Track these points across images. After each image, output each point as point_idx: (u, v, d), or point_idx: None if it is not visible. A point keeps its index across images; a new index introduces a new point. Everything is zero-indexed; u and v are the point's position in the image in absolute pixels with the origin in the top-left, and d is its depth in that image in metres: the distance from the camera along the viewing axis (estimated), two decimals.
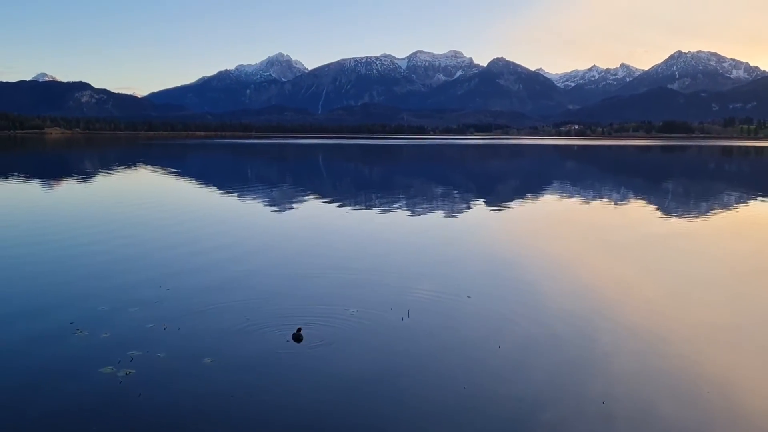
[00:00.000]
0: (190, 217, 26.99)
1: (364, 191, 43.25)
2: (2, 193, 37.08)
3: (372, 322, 12.05)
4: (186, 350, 10.50)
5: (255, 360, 10.15)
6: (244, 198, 35.90)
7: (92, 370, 9.63)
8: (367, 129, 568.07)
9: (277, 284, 15.10)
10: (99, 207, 30.87)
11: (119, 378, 9.35)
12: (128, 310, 12.67)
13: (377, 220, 27.24)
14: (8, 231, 22.88)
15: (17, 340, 10.96)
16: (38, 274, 15.93)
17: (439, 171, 70.02)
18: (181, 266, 17.03)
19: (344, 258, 18.43)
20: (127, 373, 9.52)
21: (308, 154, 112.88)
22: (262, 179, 52.98)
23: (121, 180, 50.74)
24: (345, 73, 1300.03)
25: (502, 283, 15.50)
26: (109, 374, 9.48)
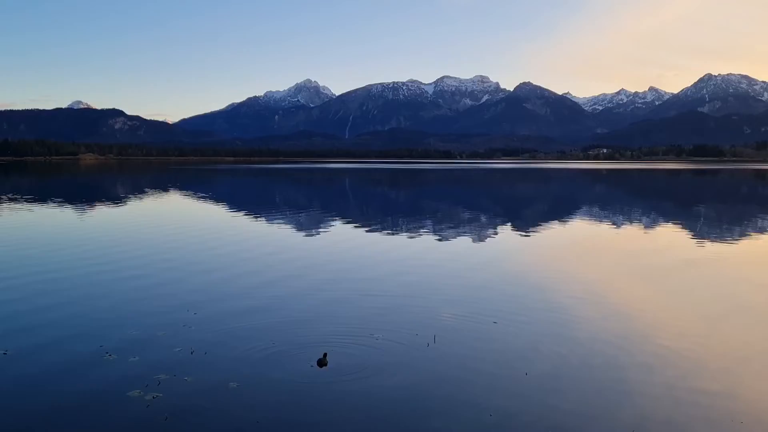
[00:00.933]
0: (218, 242, 27.28)
1: (391, 215, 43.32)
2: (37, 217, 37.93)
3: (398, 348, 12.00)
4: (212, 374, 10.57)
5: (280, 385, 10.16)
6: (272, 222, 36.21)
7: (121, 393, 9.74)
8: (394, 153, 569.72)
9: (304, 309, 15.14)
10: (129, 232, 31.38)
11: (146, 401, 9.43)
12: (157, 334, 12.82)
13: (403, 244, 27.22)
14: (41, 254, 23.36)
15: (48, 363, 11.14)
16: (70, 297, 16.22)
17: (466, 195, 69.88)
18: (208, 290, 17.20)
19: (370, 282, 18.43)
20: (154, 396, 9.61)
21: (336, 179, 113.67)
22: (290, 204, 53.43)
23: (151, 205, 51.58)
24: (372, 99, 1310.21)
25: (530, 309, 15.33)
26: (137, 398, 9.57)
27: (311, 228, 33.79)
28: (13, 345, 12.07)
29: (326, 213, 44.09)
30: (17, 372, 10.70)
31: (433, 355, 11.64)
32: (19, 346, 12.01)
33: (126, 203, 52.33)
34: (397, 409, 9.40)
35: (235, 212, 43.34)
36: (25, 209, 42.68)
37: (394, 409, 9.36)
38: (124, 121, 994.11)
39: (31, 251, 24.17)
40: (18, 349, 11.82)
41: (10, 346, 12.01)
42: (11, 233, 30.16)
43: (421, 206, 53.07)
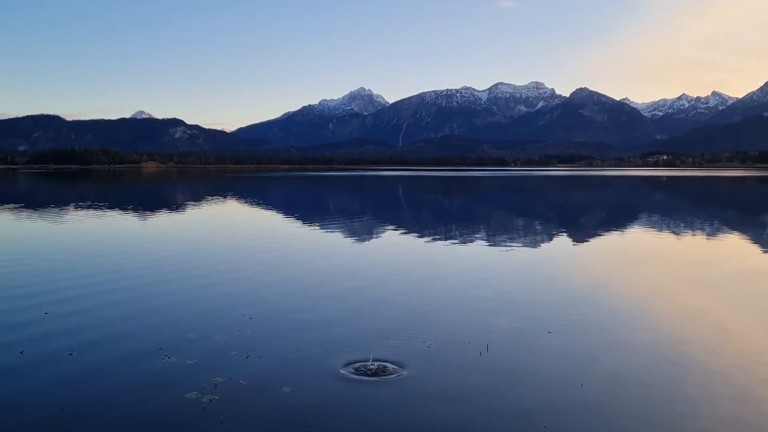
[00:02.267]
0: (273, 247, 27.73)
1: (443, 223, 43.14)
2: (101, 223, 39.36)
3: (449, 356, 11.93)
4: (267, 378, 10.74)
5: (330, 390, 10.24)
6: (326, 228, 36.57)
7: (179, 395, 10.01)
8: (447, 161, 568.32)
9: (356, 314, 15.23)
10: (187, 237, 32.25)
11: (203, 404, 9.66)
12: (213, 337, 13.12)
13: (455, 251, 27.07)
14: (104, 258, 24.24)
15: (110, 364, 11.54)
16: (131, 300, 16.76)
17: (520, 202, 69.00)
18: (263, 295, 17.51)
19: (420, 288, 18.40)
20: (210, 399, 9.83)
21: (388, 186, 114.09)
22: (343, 211, 53.87)
23: (209, 212, 52.84)
24: (425, 106, 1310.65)
25: (585, 319, 15.00)
26: (194, 399, 9.81)
27: (364, 234, 33.98)
28: (77, 345, 12.55)
29: (378, 220, 44.28)
30: (81, 372, 11.12)
31: (486, 364, 11.52)
32: (83, 347, 12.48)
33: (185, 210, 53.78)
34: (450, 418, 9.33)
35: (289, 218, 43.98)
36: (92, 215, 44.37)
37: (446, 419, 9.31)
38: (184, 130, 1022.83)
39: (94, 255, 25.12)
40: (82, 350, 12.29)
41: (75, 346, 12.50)
42: (77, 237, 31.39)
43: (474, 213, 52.70)
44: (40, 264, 22.78)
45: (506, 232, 35.60)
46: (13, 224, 38.62)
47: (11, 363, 11.56)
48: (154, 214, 47.80)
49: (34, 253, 25.57)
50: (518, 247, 28.58)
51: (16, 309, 15.80)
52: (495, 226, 40.50)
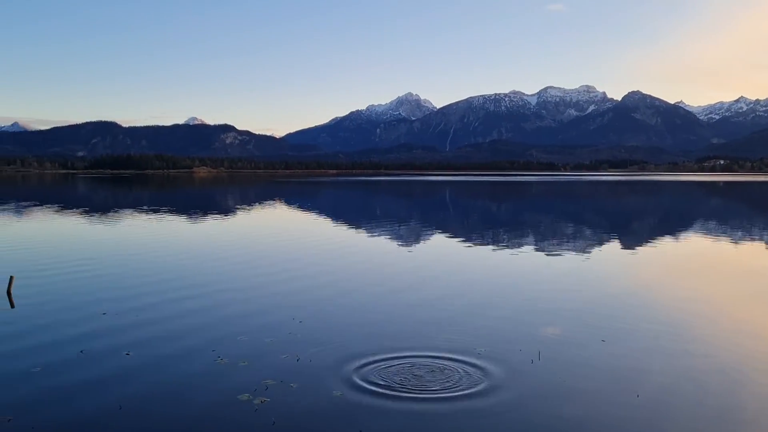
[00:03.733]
0: (321, 250, 27.96)
1: (491, 228, 42.75)
2: (156, 227, 40.41)
3: (501, 363, 11.78)
4: (317, 382, 10.81)
5: (382, 396, 10.23)
6: (374, 234, 36.67)
7: (231, 396, 10.17)
8: (495, 166, 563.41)
9: (403, 319, 15.19)
10: (239, 240, 32.83)
11: (255, 405, 9.78)
12: (264, 339, 13.30)
13: (502, 257, 26.78)
14: (159, 260, 24.87)
15: (163, 365, 11.81)
16: (185, 301, 17.14)
17: (570, 208, 67.79)
18: (311, 297, 17.66)
19: (469, 294, 18.27)
20: (262, 401, 9.95)
21: (435, 191, 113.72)
22: (390, 216, 53.94)
23: (259, 216, 53.68)
24: (473, 111, 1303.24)
25: (640, 328, 14.61)
26: (246, 401, 9.95)
27: (411, 240, 33.95)
28: (134, 345, 12.91)
29: (425, 224, 44.18)
30: (137, 371, 11.42)
31: (539, 373, 11.34)
32: (139, 346, 12.82)
33: (236, 214, 54.78)
34: (504, 428, 9.21)
35: (337, 223, 44.31)
36: (149, 219, 45.64)
37: (501, 429, 9.19)
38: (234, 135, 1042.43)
39: (150, 257, 25.80)
40: (138, 349, 12.62)
41: (132, 346, 12.85)
42: (133, 240, 32.32)
43: (522, 219, 52.03)
44: (99, 265, 23.53)
45: (555, 238, 35.04)
46: (76, 227, 40.01)
47: (71, 361, 11.95)
48: (206, 218, 48.82)
49: (95, 255, 26.42)
50: (568, 252, 28.09)
51: (76, 308, 16.36)
52: (544, 231, 39.90)
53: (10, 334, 13.90)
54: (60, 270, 22.55)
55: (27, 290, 18.48)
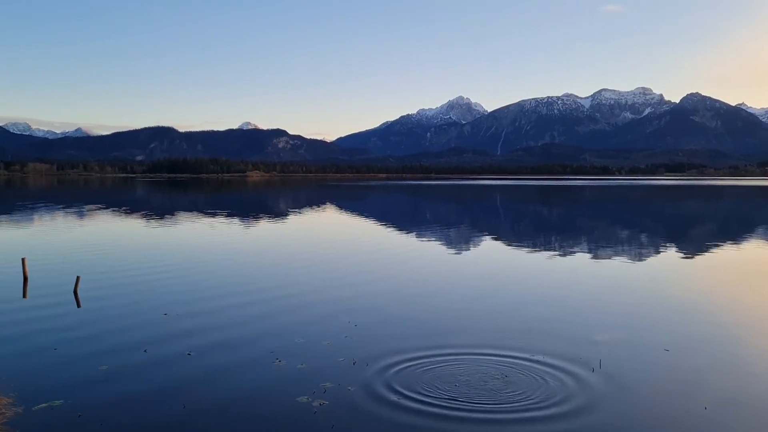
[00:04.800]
0: (376, 256, 28.09)
1: (543, 233, 42.11)
2: (213, 230, 41.32)
3: (560, 371, 11.58)
4: (374, 386, 10.83)
5: (439, 401, 10.18)
6: (424, 237, 36.60)
7: (290, 398, 10.30)
8: (547, 170, 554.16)
9: (459, 325, 15.10)
10: (293, 243, 33.26)
11: (314, 408, 9.88)
12: (321, 343, 13.44)
13: (557, 263, 26.34)
14: (217, 263, 25.42)
15: (224, 366, 12.05)
16: (243, 303, 17.47)
17: (625, 213, 66.06)
18: (368, 302, 17.74)
19: (525, 302, 18.03)
20: (320, 404, 10.05)
21: (486, 195, 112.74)
22: (440, 219, 53.72)
23: (313, 219, 54.25)
24: (525, 114, 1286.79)
25: (705, 337, 14.16)
26: (305, 404, 10.06)
27: (462, 244, 33.74)
28: (195, 346, 13.22)
29: (476, 229, 43.83)
30: (199, 372, 11.69)
31: (599, 382, 11.09)
32: (200, 348, 13.13)
33: (290, 218, 55.49)
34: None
35: (389, 227, 44.40)
36: (206, 222, 46.70)
37: None
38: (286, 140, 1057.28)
39: (208, 259, 26.40)
40: (200, 351, 12.92)
41: (193, 347, 13.17)
42: (191, 243, 33.13)
43: (575, 224, 51.05)
44: (161, 267, 24.21)
45: (611, 243, 34.25)
46: (138, 230, 41.31)
47: (135, 360, 12.32)
48: (261, 221, 49.67)
49: (156, 257, 27.19)
50: (625, 258, 27.43)
51: (139, 309, 16.88)
52: (599, 236, 39.06)
53: (77, 333, 14.43)
54: (123, 271, 23.31)
55: (92, 291, 19.16)
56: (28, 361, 12.23)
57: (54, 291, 19.14)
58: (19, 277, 20.85)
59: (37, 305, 17.29)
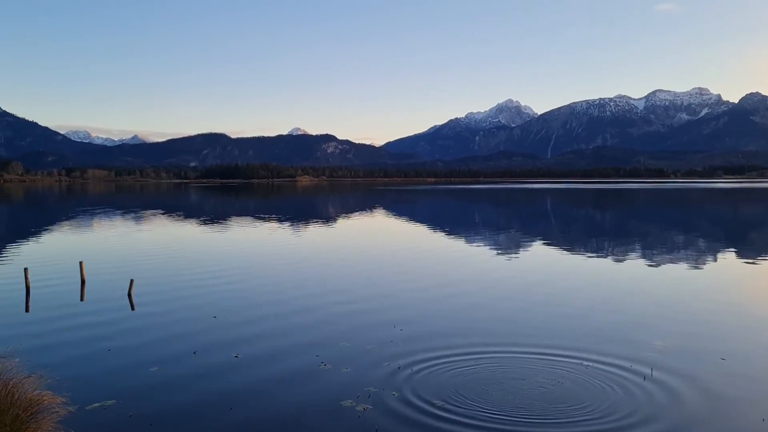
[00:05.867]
0: (423, 261, 28.02)
1: (595, 237, 41.23)
2: (259, 233, 41.97)
3: (609, 378, 11.30)
4: (418, 391, 10.77)
5: (484, 410, 10.06)
6: (472, 242, 36.31)
7: (335, 402, 10.34)
8: (599, 173, 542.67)
9: (508, 332, 14.90)
10: (341, 247, 33.46)
11: (358, 412, 9.89)
12: (366, 347, 13.45)
13: (609, 269, 25.74)
14: (265, 266, 25.79)
15: (270, 368, 12.18)
16: (289, 305, 17.68)
17: (683, 217, 64.10)
18: (412, 307, 17.70)
19: (575, 304, 17.67)
20: (364, 408, 10.05)
21: (536, 199, 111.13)
22: (488, 223, 53.24)
23: (361, 222, 54.50)
24: (576, 116, 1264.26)
25: (763, 346, 13.58)
26: (349, 408, 10.08)
27: (513, 249, 33.33)
28: (242, 349, 13.42)
29: (526, 233, 43.24)
30: (246, 373, 11.85)
31: (651, 390, 10.75)
32: (247, 349, 13.32)
33: (338, 222, 55.93)
34: None
35: (436, 231, 44.25)
36: (256, 226, 47.48)
37: None
38: (335, 145, 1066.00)
39: (257, 263, 26.82)
40: (246, 353, 13.11)
41: (241, 349, 13.37)
42: (241, 247, 33.72)
43: (631, 228, 49.77)
44: (211, 270, 24.72)
45: (665, 248, 33.27)
46: (189, 234, 42.32)
47: (185, 361, 12.59)
48: (311, 225, 50.20)
49: (206, 260, 27.78)
50: (679, 263, 26.61)
51: (190, 311, 17.25)
52: (652, 240, 38.00)
53: (130, 335, 14.83)
54: (175, 275, 23.90)
55: (146, 293, 19.69)
56: (83, 361, 12.63)
57: (109, 294, 19.75)
58: (77, 280, 21.59)
59: (93, 307, 17.88)
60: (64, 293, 19.89)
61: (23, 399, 7.85)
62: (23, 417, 7.72)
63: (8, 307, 17.86)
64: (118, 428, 9.31)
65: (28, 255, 29.83)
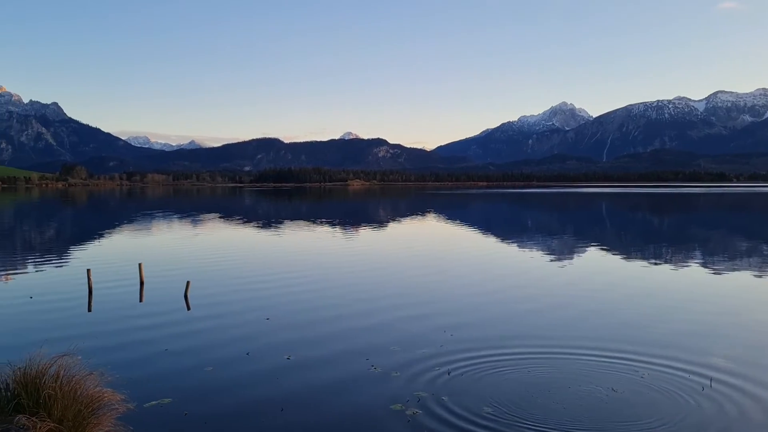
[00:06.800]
0: (473, 266, 27.85)
1: (654, 242, 40.06)
2: (312, 236, 42.44)
3: (667, 387, 10.97)
4: (468, 397, 10.70)
5: (536, 418, 9.92)
6: (525, 246, 35.81)
7: (384, 405, 10.37)
8: (657, 176, 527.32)
9: (560, 339, 14.62)
10: (393, 251, 33.56)
11: (407, 416, 9.89)
12: (415, 351, 13.44)
13: (667, 277, 24.97)
14: (317, 269, 26.06)
15: (321, 370, 12.30)
16: (339, 307, 17.82)
17: (744, 222, 61.64)
18: (462, 312, 17.59)
19: (630, 313, 17.23)
20: (414, 412, 10.04)
21: (590, 203, 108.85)
22: (542, 228, 52.43)
23: (411, 226, 54.49)
24: (633, 119, 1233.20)
25: None
26: (399, 412, 10.09)
27: (566, 254, 32.74)
28: (294, 350, 13.61)
29: (580, 239, 42.40)
30: (297, 375, 12.01)
31: (711, 401, 10.39)
32: (298, 351, 13.49)
33: (389, 226, 56.07)
34: None
35: (488, 235, 43.85)
36: (308, 229, 48.05)
37: None
38: (386, 149, 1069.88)
39: (309, 265, 27.12)
40: (298, 355, 13.28)
41: (292, 350, 13.56)
42: (294, 250, 34.17)
43: (689, 234, 48.15)
44: (263, 272, 25.18)
45: (727, 258, 32.08)
46: (244, 236, 43.16)
47: (239, 362, 12.84)
48: (362, 228, 50.48)
49: (259, 263, 28.30)
50: (743, 274, 25.63)
51: (243, 313, 17.61)
52: (713, 248, 36.68)
53: (186, 335, 15.23)
54: (229, 276, 24.44)
55: (201, 295, 20.18)
56: (142, 360, 13.04)
57: (166, 295, 20.34)
58: (136, 281, 22.30)
59: (151, 308, 18.44)
60: (124, 294, 20.57)
61: (85, 395, 8.15)
62: (85, 413, 8.02)
63: (73, 308, 18.58)
64: (174, 426, 9.56)
65: (90, 256, 30.98)
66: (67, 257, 31.01)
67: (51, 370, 8.22)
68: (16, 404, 7.95)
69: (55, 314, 17.56)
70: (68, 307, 18.59)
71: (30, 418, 7.51)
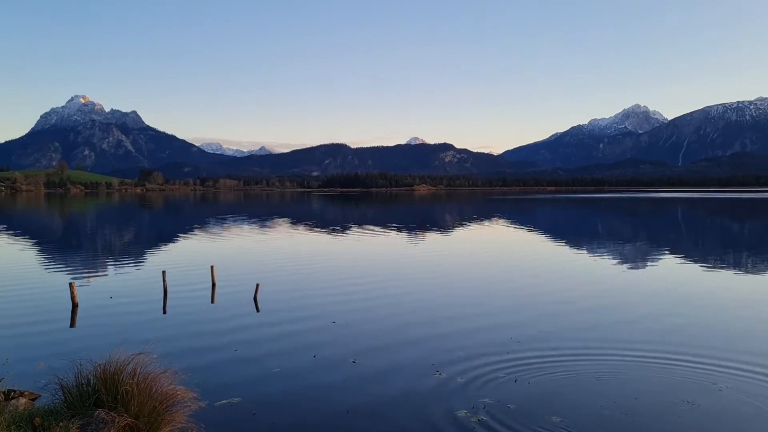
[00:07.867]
0: (540, 273, 27.35)
1: (734, 251, 38.24)
2: (378, 241, 42.66)
3: (731, 411, 10.47)
4: (535, 405, 10.51)
5: (601, 424, 9.64)
6: (596, 253, 34.89)
7: (450, 411, 10.32)
8: (738, 181, 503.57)
9: (634, 351, 14.18)
10: (459, 257, 33.35)
11: (472, 423, 9.81)
12: (481, 357, 13.31)
13: (755, 284, 23.81)
14: (381, 273, 26.19)
15: (386, 374, 12.36)
16: (405, 313, 17.85)
17: None
18: (530, 318, 17.32)
19: (700, 322, 16.55)
20: (479, 419, 9.94)
21: (665, 209, 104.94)
22: (612, 234, 50.96)
23: (479, 232, 54.02)
24: (710, 121, 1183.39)
25: None
26: (464, 418, 10.02)
27: (635, 261, 31.71)
28: (360, 353, 13.73)
29: (653, 246, 40.94)
30: (362, 378, 12.10)
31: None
32: (364, 355, 13.59)
33: (456, 231, 55.77)
34: None
35: (557, 242, 42.96)
36: (375, 234, 48.38)
37: None
38: (453, 154, 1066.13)
39: (373, 269, 27.29)
40: (363, 359, 13.37)
41: (358, 354, 13.68)
42: (360, 255, 34.46)
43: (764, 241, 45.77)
44: (330, 276, 25.52)
45: None
46: (313, 240, 43.86)
47: (306, 364, 13.05)
48: (428, 234, 50.45)
49: (327, 266, 28.68)
50: None
51: (310, 316, 17.88)
52: None
53: (256, 336, 15.59)
54: (297, 280, 24.88)
55: (270, 298, 20.63)
56: (213, 360, 13.43)
57: (237, 297, 20.88)
58: (208, 283, 23.00)
59: (222, 310, 18.98)
60: (196, 295, 21.25)
61: (159, 392, 8.47)
62: (159, 409, 8.33)
63: (149, 308, 19.33)
64: (243, 425, 9.80)
65: (165, 258, 32.19)
66: (144, 259, 32.33)
67: (128, 367, 8.57)
68: (96, 399, 8.33)
69: (133, 314, 18.32)
70: (145, 308, 19.35)
71: (109, 413, 7.87)
